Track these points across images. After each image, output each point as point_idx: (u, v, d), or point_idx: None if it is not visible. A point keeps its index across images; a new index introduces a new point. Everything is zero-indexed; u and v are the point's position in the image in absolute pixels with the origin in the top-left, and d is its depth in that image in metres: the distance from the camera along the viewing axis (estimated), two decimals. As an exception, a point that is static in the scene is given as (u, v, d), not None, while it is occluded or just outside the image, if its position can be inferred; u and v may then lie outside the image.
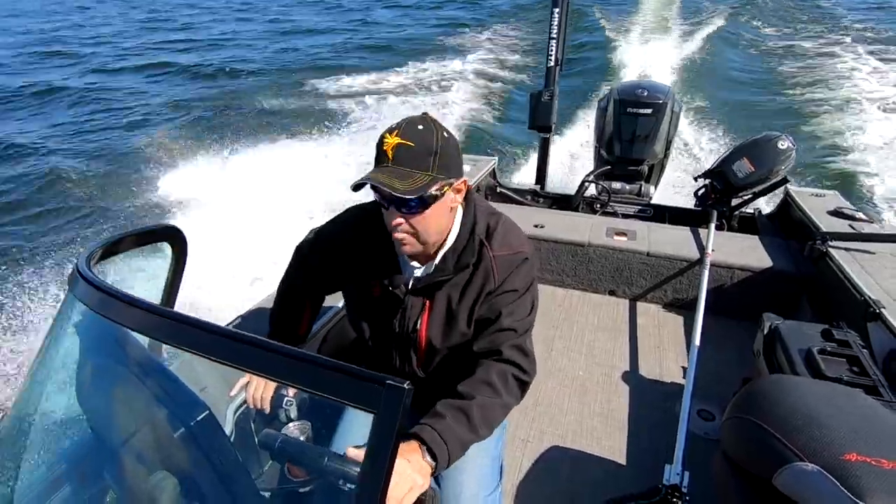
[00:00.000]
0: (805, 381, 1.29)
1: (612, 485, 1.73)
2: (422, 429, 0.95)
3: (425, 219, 1.00)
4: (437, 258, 1.10)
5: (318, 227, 1.28)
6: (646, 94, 3.43)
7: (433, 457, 0.92)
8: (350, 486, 0.83)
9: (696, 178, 3.33)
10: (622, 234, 2.84)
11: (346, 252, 1.17)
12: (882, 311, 1.90)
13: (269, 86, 11.00)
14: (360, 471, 0.62)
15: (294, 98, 10.14)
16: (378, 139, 0.97)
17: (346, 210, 1.24)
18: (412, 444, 0.92)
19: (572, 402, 2.11)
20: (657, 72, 10.08)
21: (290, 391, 1.13)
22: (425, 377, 1.21)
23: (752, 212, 3.31)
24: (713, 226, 2.84)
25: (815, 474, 0.90)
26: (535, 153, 4.15)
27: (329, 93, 10.32)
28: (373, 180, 0.92)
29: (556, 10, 3.35)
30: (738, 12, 15.32)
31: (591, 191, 3.56)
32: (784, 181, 3.02)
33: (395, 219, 0.99)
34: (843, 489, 0.86)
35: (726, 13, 14.98)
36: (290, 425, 1.12)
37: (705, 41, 12.30)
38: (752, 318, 2.08)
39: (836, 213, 2.75)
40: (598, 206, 3.49)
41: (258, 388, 1.14)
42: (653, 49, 11.61)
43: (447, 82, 10.55)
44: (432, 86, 10.48)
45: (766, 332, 1.75)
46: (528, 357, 1.11)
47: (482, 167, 3.55)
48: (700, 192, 3.27)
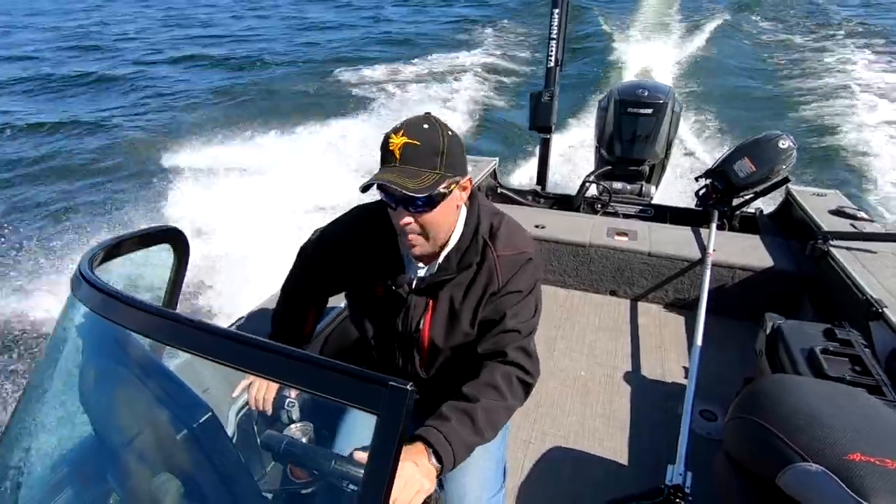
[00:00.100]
0: (808, 380, 1.29)
1: (613, 485, 1.73)
2: (427, 431, 0.94)
3: (434, 217, 1.00)
4: (441, 258, 1.10)
5: (322, 227, 1.28)
6: (646, 94, 3.43)
7: (438, 459, 0.91)
8: (353, 487, 0.83)
9: (697, 178, 3.33)
10: (623, 234, 2.84)
11: (350, 252, 1.17)
12: (884, 310, 1.90)
13: (296, 75, 11.76)
14: (363, 472, 0.62)
15: (319, 86, 10.82)
16: (383, 140, 0.97)
17: (349, 210, 1.24)
18: (418, 447, 0.92)
19: (574, 403, 2.11)
20: (658, 72, 10.08)
21: (292, 392, 1.13)
22: (428, 378, 1.21)
23: (753, 211, 3.30)
24: (714, 225, 2.83)
25: (818, 474, 0.90)
26: (536, 153, 4.15)
27: (351, 81, 11.02)
28: (383, 180, 0.92)
29: (556, 10, 3.34)
30: (739, 11, 15.32)
31: (592, 191, 3.55)
32: (785, 181, 3.02)
33: (404, 218, 0.99)
34: (847, 489, 0.86)
35: (727, 12, 14.97)
36: (292, 426, 1.12)
37: (706, 41, 12.30)
38: (754, 317, 2.08)
39: (838, 213, 2.74)
40: (599, 206, 3.49)
41: (260, 390, 1.13)
42: (653, 49, 11.60)
43: (458, 74, 11.05)
44: (446, 76, 11.01)
45: (768, 331, 1.74)
46: (531, 359, 1.11)
47: (483, 168, 3.54)
48: (701, 192, 3.27)
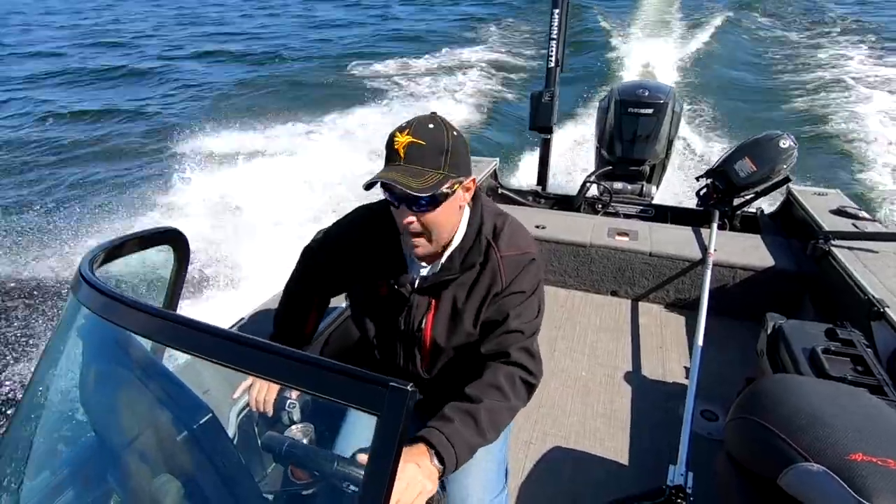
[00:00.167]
0: (809, 380, 1.28)
1: (614, 485, 1.73)
2: (429, 432, 0.94)
3: (437, 217, 1.00)
4: (444, 257, 1.10)
5: (325, 228, 1.28)
6: (647, 94, 3.42)
7: (441, 460, 0.91)
8: (354, 488, 0.83)
9: (697, 178, 3.32)
10: (624, 234, 2.83)
11: (353, 252, 1.17)
12: (886, 310, 1.89)
13: (314, 69, 12.52)
14: (363, 473, 0.62)
15: (335, 78, 11.50)
16: (388, 138, 0.97)
17: (352, 210, 1.24)
18: (420, 448, 0.92)
19: (575, 403, 2.11)
20: (659, 70, 10.08)
21: (293, 394, 1.13)
22: (429, 378, 1.21)
23: (754, 211, 3.30)
24: (715, 225, 2.83)
25: (820, 475, 0.90)
26: (535, 154, 4.15)
27: (365, 74, 11.75)
28: (387, 178, 0.92)
29: (556, 10, 3.34)
30: (740, 9, 15.30)
31: (593, 191, 3.55)
32: (786, 180, 3.02)
33: (407, 217, 0.99)
34: (850, 490, 0.86)
35: (727, 10, 14.96)
36: (293, 428, 1.12)
37: (706, 40, 12.29)
38: (755, 317, 2.07)
39: (839, 212, 2.74)
40: (600, 206, 3.49)
41: (261, 391, 1.13)
42: (654, 48, 11.59)
43: (466, 69, 11.64)
44: (454, 70, 11.62)
45: (769, 331, 1.74)
46: (534, 359, 1.11)
47: (483, 168, 3.54)
48: (702, 192, 3.26)
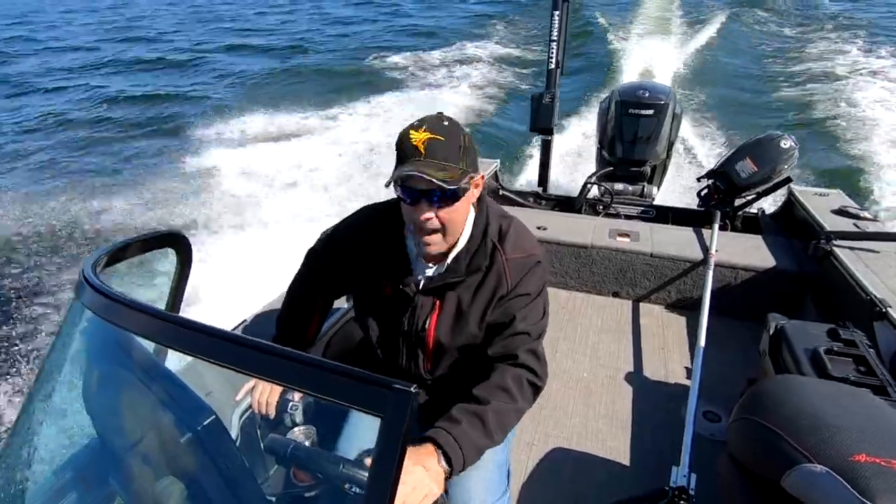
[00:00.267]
0: (812, 381, 1.28)
1: (616, 486, 1.73)
2: (437, 433, 0.94)
3: (455, 212, 1.01)
4: (450, 258, 1.10)
5: (330, 228, 1.28)
6: (647, 95, 3.42)
7: (448, 462, 0.91)
8: (357, 490, 0.83)
9: (698, 179, 3.32)
10: (625, 235, 2.83)
11: (358, 252, 1.17)
12: (888, 310, 1.89)
13: (338, 59, 13.34)
14: (367, 475, 0.62)
15: (356, 69, 12.31)
16: (400, 137, 0.97)
17: (357, 211, 1.24)
18: (427, 448, 0.91)
19: (577, 405, 2.11)
20: (658, 72, 10.07)
21: (296, 395, 1.13)
22: (431, 379, 1.21)
23: (755, 212, 3.29)
24: (717, 226, 2.83)
25: (824, 476, 0.90)
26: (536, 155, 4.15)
27: (384, 66, 12.38)
28: (417, 171, 0.92)
29: (557, 12, 3.35)
30: (740, 10, 15.31)
31: (594, 192, 3.55)
32: (787, 180, 3.02)
33: (425, 213, 0.98)
34: (853, 491, 0.85)
35: (728, 11, 14.95)
36: (296, 430, 1.12)
37: (707, 40, 12.28)
38: (757, 318, 2.07)
39: (841, 212, 2.74)
40: (601, 207, 3.48)
41: (263, 393, 1.13)
42: (654, 49, 11.59)
43: (475, 63, 12.16)
44: (465, 64, 12.15)
45: (771, 332, 1.73)
46: (540, 361, 1.12)
47: (484, 169, 3.53)
48: (703, 193, 3.26)
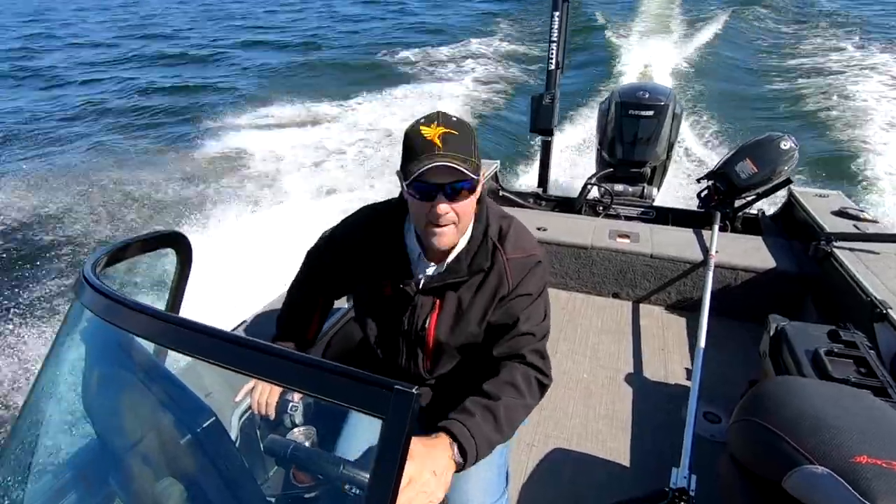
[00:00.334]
0: (812, 382, 1.28)
1: (616, 487, 1.72)
2: (452, 424, 0.93)
3: (469, 205, 1.02)
4: (450, 258, 1.10)
5: (330, 228, 1.28)
6: (647, 96, 3.43)
7: (462, 454, 0.90)
8: (357, 491, 0.82)
9: (698, 180, 3.32)
10: (625, 236, 2.83)
11: (358, 252, 1.17)
12: (888, 311, 1.89)
13: (353, 53, 14.08)
14: (367, 476, 0.62)
15: (370, 63, 13.02)
16: (411, 133, 0.97)
17: (357, 211, 1.24)
18: (442, 439, 0.91)
19: (577, 406, 2.10)
20: (659, 69, 10.08)
21: (295, 396, 1.13)
22: (430, 379, 1.21)
23: (755, 213, 3.30)
24: (717, 227, 2.83)
25: (825, 477, 0.89)
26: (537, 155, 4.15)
27: (398, 60, 13.13)
28: (446, 161, 0.93)
29: (557, 13, 3.35)
30: (740, 11, 15.32)
31: (594, 193, 3.55)
32: (787, 182, 3.02)
33: (442, 206, 0.98)
34: (854, 492, 0.85)
35: (728, 12, 14.97)
36: (296, 430, 1.12)
37: (707, 41, 12.30)
38: (757, 319, 2.07)
39: (841, 214, 2.74)
40: (601, 208, 3.49)
41: (263, 394, 1.13)
42: (654, 49, 11.61)
43: (481, 58, 12.74)
44: (472, 58, 12.76)
45: (772, 333, 1.74)
46: (546, 361, 1.12)
47: (484, 170, 3.53)
48: (703, 194, 3.27)
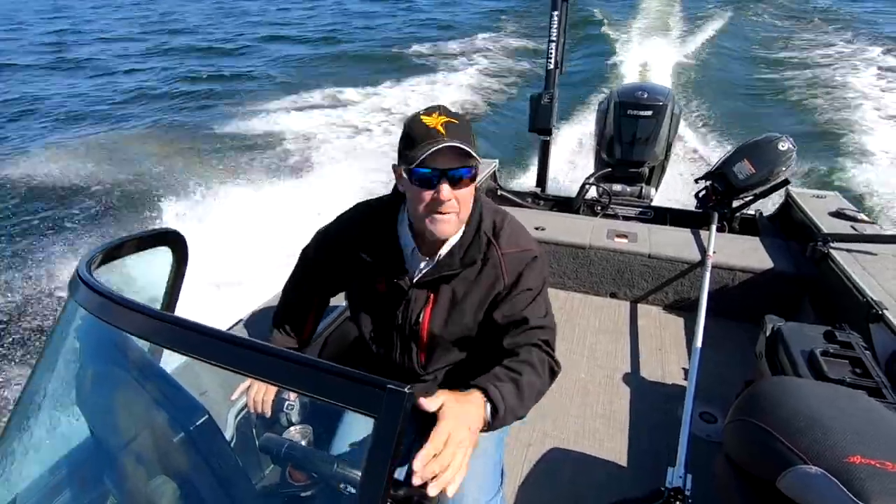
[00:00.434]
0: (808, 382, 1.28)
1: (614, 487, 1.73)
2: (487, 384, 0.94)
3: (469, 194, 1.03)
4: (443, 252, 1.10)
5: (324, 226, 1.28)
6: (646, 96, 3.43)
7: (494, 413, 0.92)
8: (352, 490, 0.82)
9: (696, 180, 3.32)
10: (623, 236, 2.84)
11: (353, 249, 1.17)
12: (884, 312, 1.89)
13: (366, 48, 14.88)
14: (360, 474, 0.62)
15: (389, 55, 13.85)
16: (413, 123, 0.99)
17: (350, 207, 1.25)
18: (476, 395, 0.92)
19: (574, 405, 2.11)
20: (657, 73, 10.09)
21: (291, 395, 1.13)
22: (424, 373, 1.21)
23: (753, 213, 3.30)
24: (714, 227, 2.83)
25: (818, 477, 0.90)
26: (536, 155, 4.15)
27: (413, 53, 13.94)
28: (454, 141, 0.95)
29: (556, 13, 3.35)
30: (740, 11, 15.34)
31: (592, 193, 3.56)
32: (785, 182, 3.02)
33: (445, 192, 0.99)
34: (848, 492, 0.86)
35: (727, 12, 14.99)
36: (291, 429, 1.12)
37: (706, 41, 12.33)
38: (754, 319, 2.07)
39: (838, 215, 2.74)
40: (599, 208, 3.49)
41: (259, 392, 1.14)
42: (653, 49, 11.62)
43: (487, 53, 13.52)
44: (480, 53, 13.46)
45: (768, 333, 1.74)
46: (554, 352, 1.12)
47: (482, 170, 3.54)
48: (701, 194, 3.27)
